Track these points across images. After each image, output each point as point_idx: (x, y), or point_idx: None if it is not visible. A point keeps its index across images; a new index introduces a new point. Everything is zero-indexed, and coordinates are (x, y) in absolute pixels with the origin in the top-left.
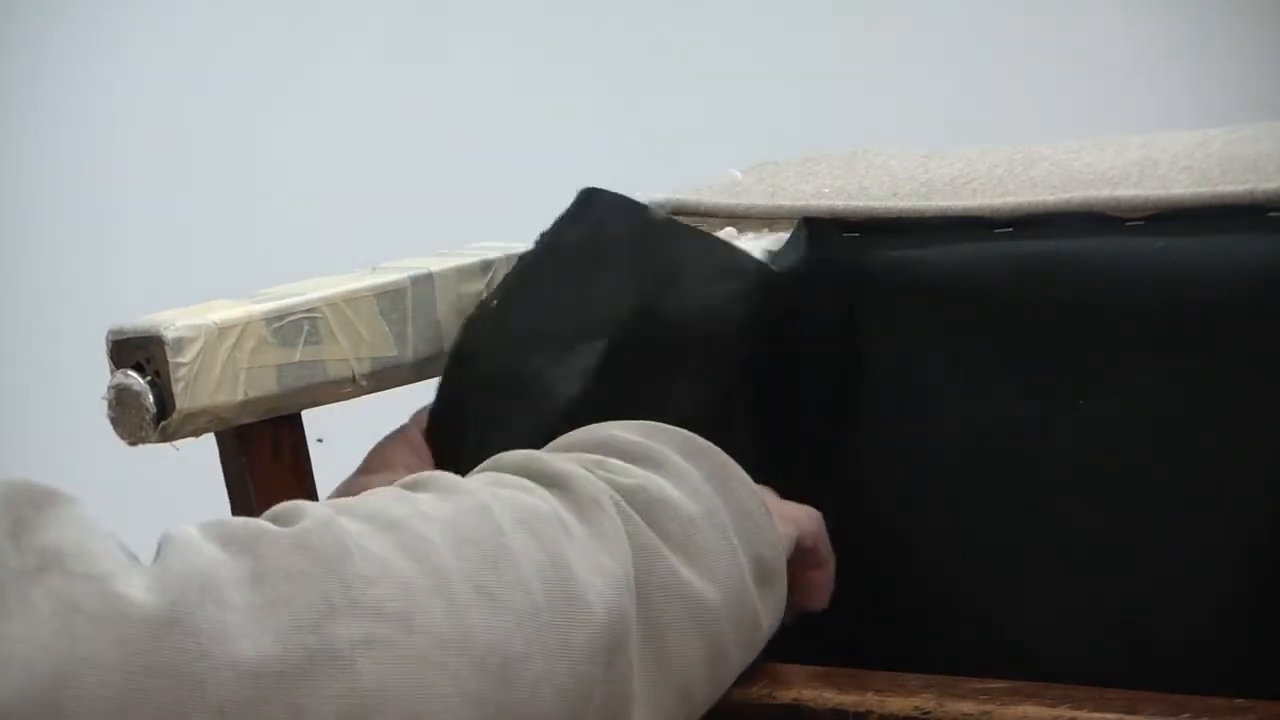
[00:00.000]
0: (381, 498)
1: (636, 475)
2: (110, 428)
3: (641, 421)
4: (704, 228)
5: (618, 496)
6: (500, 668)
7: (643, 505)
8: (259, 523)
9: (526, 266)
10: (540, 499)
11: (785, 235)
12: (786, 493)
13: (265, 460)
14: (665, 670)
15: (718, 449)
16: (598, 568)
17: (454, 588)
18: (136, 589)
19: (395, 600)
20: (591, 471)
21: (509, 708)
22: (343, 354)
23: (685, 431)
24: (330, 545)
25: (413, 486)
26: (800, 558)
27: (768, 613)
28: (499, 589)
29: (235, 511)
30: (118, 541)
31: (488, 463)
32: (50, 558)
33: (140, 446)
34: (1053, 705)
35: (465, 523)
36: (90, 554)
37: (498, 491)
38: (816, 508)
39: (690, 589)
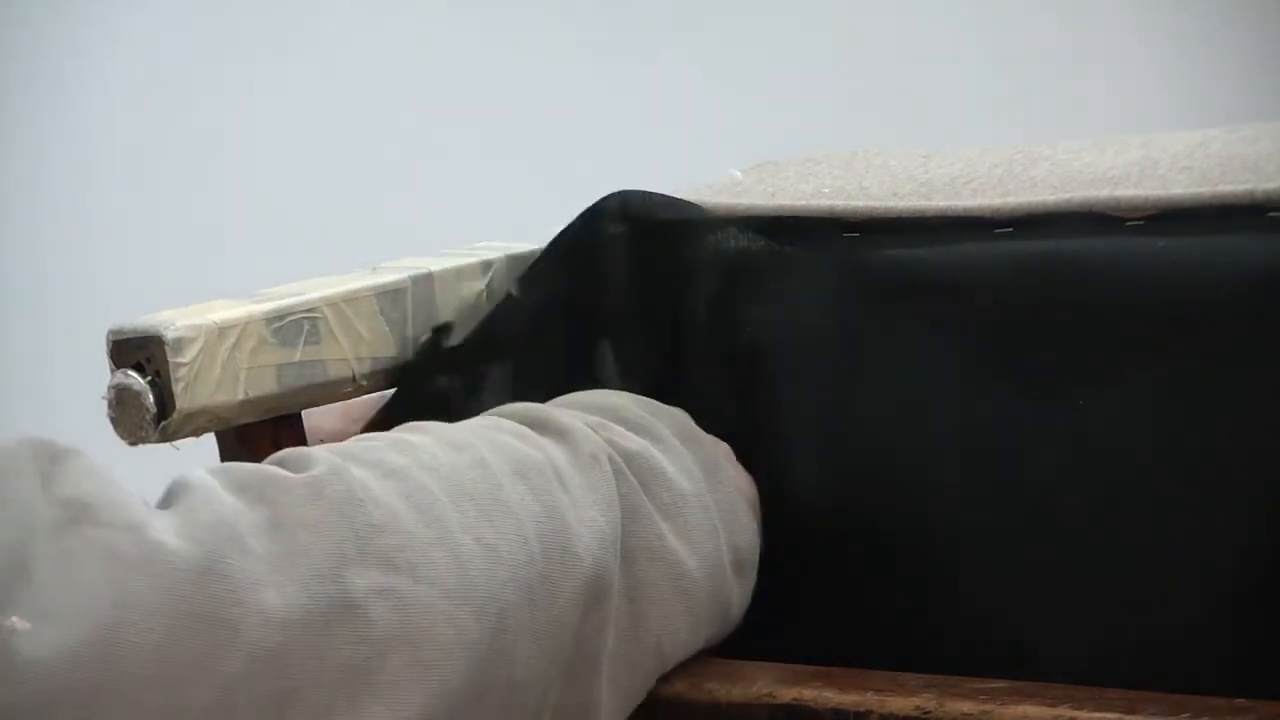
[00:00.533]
0: (382, 445)
1: (636, 442)
2: (110, 427)
3: (646, 398)
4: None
5: (616, 457)
6: (497, 616)
7: (639, 470)
8: (269, 469)
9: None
10: (537, 448)
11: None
12: (781, 492)
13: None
14: (640, 628)
15: (713, 439)
16: (588, 521)
17: (455, 538)
18: (170, 536)
19: (403, 550)
20: (596, 431)
21: (497, 654)
22: (343, 354)
23: (685, 416)
24: (342, 493)
25: (412, 432)
26: None
27: (738, 602)
28: (497, 540)
29: None
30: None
31: (490, 411)
32: (80, 509)
33: (140, 446)
34: (1053, 705)
35: (464, 476)
36: (117, 503)
37: (496, 438)
38: (812, 506)
39: (674, 555)
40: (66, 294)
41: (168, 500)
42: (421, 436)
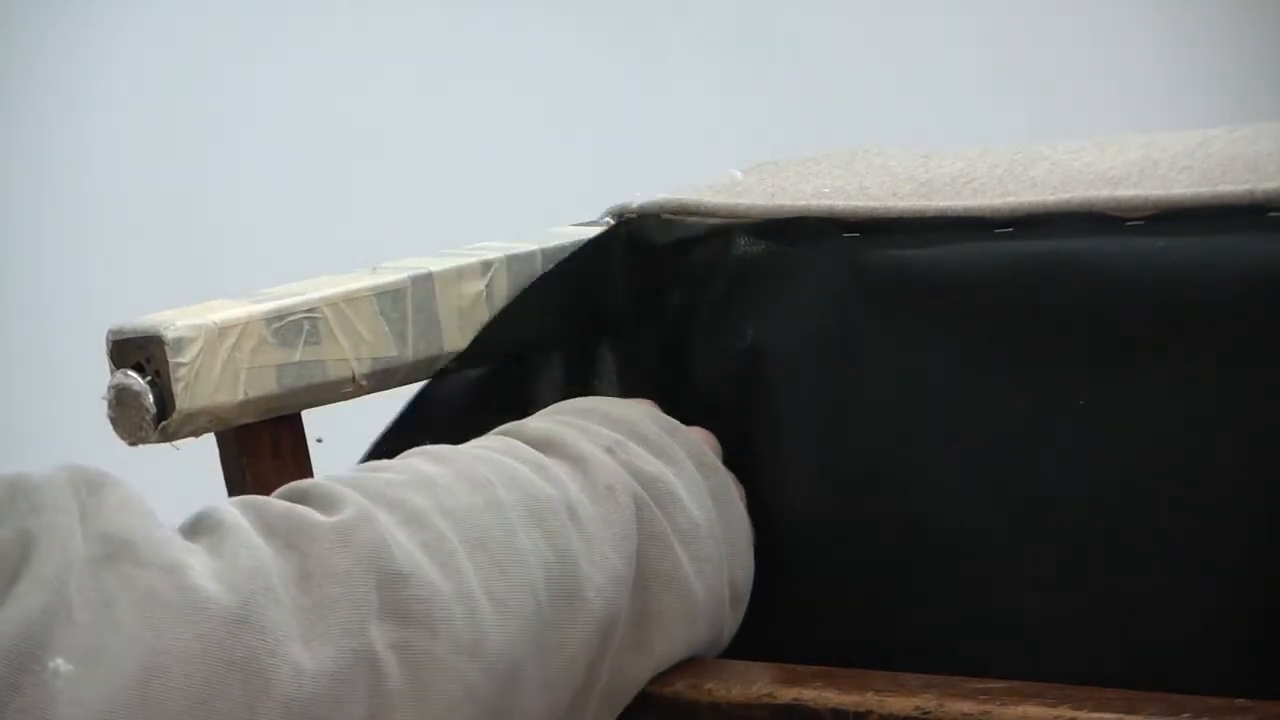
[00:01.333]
0: (403, 481)
1: (654, 465)
2: (110, 428)
3: (667, 417)
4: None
5: (634, 484)
6: (507, 671)
7: (657, 494)
8: (300, 512)
9: None
10: (552, 482)
11: None
12: (781, 492)
13: (265, 460)
14: (643, 652)
15: (724, 469)
16: (599, 560)
17: (470, 592)
18: (208, 580)
19: (423, 603)
20: (613, 453)
21: (506, 706)
22: (343, 354)
23: (699, 440)
24: (370, 541)
25: (432, 462)
26: None
27: (728, 633)
28: (507, 594)
29: None
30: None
31: (511, 427)
32: (117, 545)
33: (140, 446)
34: (1053, 705)
35: (479, 521)
36: (156, 541)
37: (513, 473)
38: (816, 508)
39: (687, 583)
40: (66, 294)
41: (195, 532)
42: (440, 469)
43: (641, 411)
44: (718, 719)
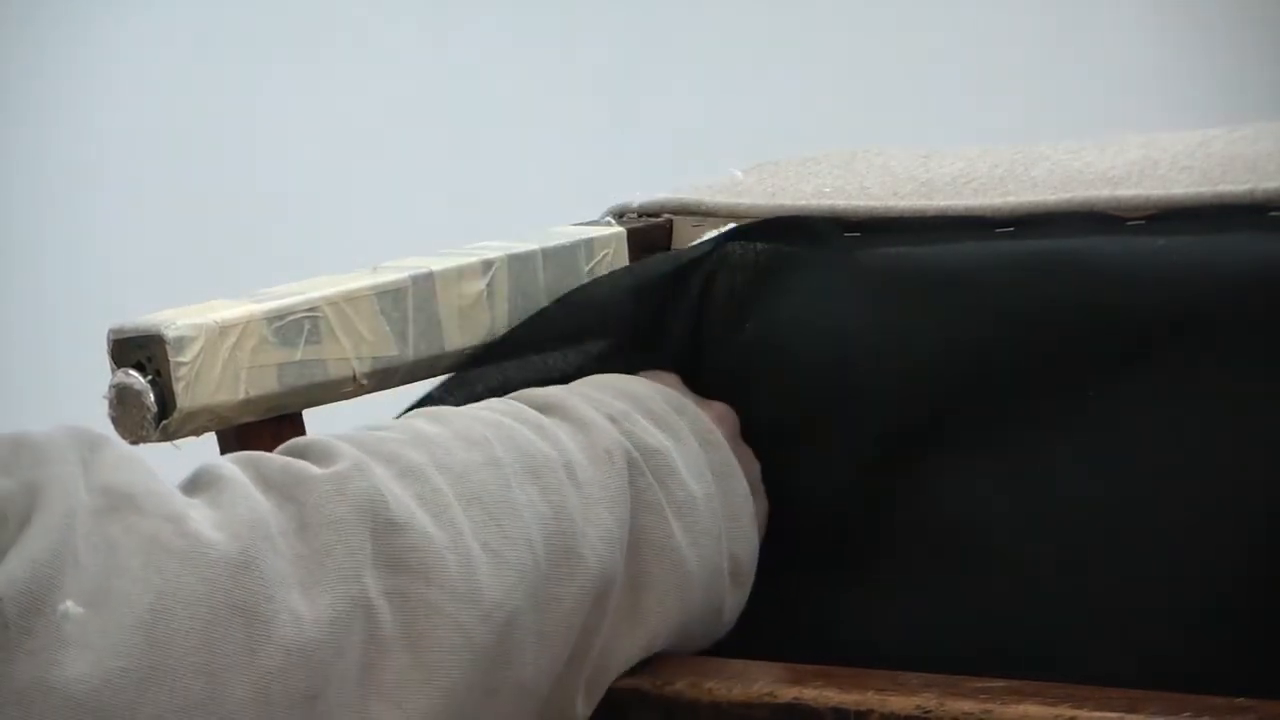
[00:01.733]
0: (399, 438)
1: (657, 438)
2: (111, 427)
3: (680, 395)
4: (705, 227)
5: (635, 453)
6: (504, 621)
7: (656, 467)
8: (296, 465)
9: None
10: (551, 442)
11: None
12: (783, 493)
13: None
14: (636, 622)
15: (726, 446)
16: (595, 520)
17: (465, 543)
18: (209, 530)
19: (417, 551)
20: (616, 422)
21: (504, 656)
22: (343, 353)
23: (706, 419)
24: (365, 490)
25: (429, 421)
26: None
27: (730, 607)
28: (503, 546)
29: None
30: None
31: (521, 392)
32: (120, 497)
33: (141, 445)
34: (1053, 705)
35: (475, 476)
36: (157, 493)
37: (512, 432)
38: (816, 507)
39: (679, 553)
40: (67, 294)
41: (195, 488)
42: (438, 428)
43: (654, 389)
44: (718, 718)
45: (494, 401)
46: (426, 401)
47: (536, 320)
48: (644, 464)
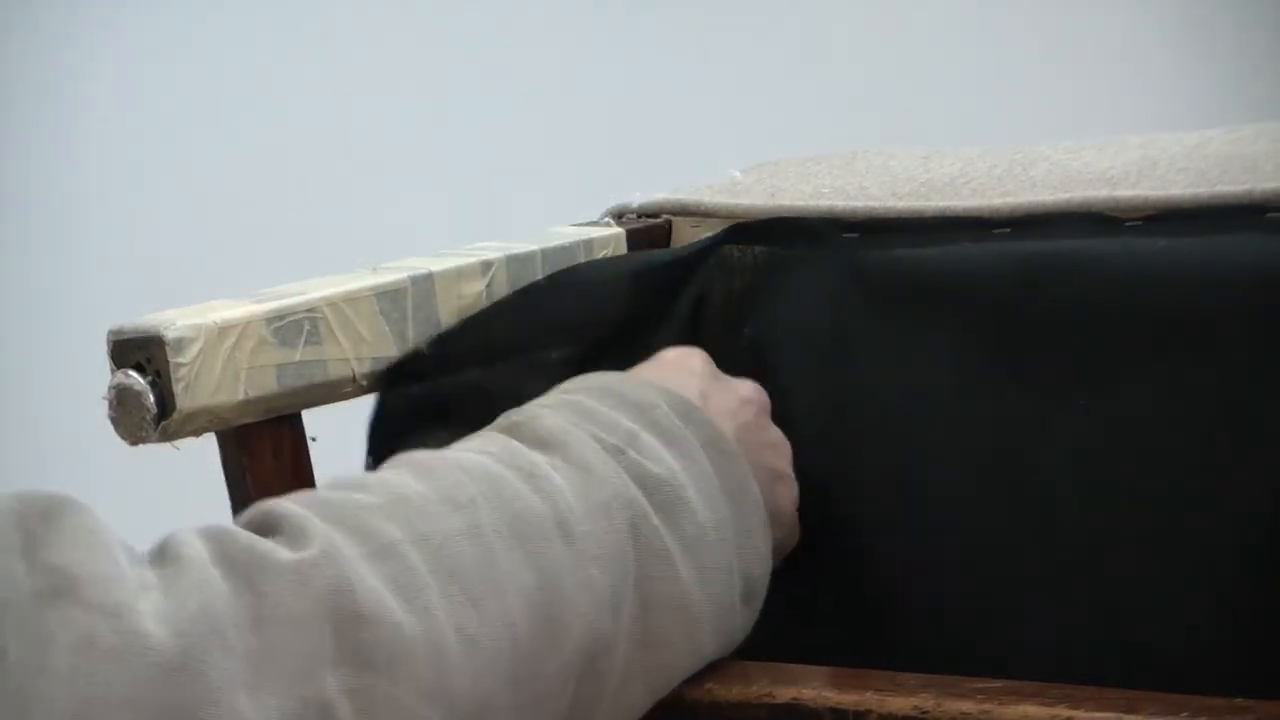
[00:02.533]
0: (376, 507)
1: (666, 464)
2: (111, 428)
3: (681, 396)
4: (704, 228)
5: (637, 496)
6: (473, 710)
7: (663, 502)
8: (263, 548)
9: None
10: (544, 496)
11: None
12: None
13: (265, 460)
14: (647, 675)
15: (740, 456)
16: (585, 581)
17: (437, 633)
18: (151, 623)
19: (384, 646)
20: (621, 455)
21: None
22: (343, 354)
23: (716, 426)
24: (330, 581)
25: (416, 476)
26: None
27: (742, 627)
28: (480, 631)
29: (235, 510)
30: (123, 546)
31: (520, 418)
32: (64, 580)
33: (140, 446)
34: (1052, 705)
35: (455, 549)
36: (104, 579)
37: (503, 488)
38: (816, 509)
39: (689, 601)
40: (67, 294)
41: (159, 561)
42: (422, 485)
43: (661, 393)
44: (717, 718)
45: (490, 439)
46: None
47: (527, 304)
48: (648, 504)
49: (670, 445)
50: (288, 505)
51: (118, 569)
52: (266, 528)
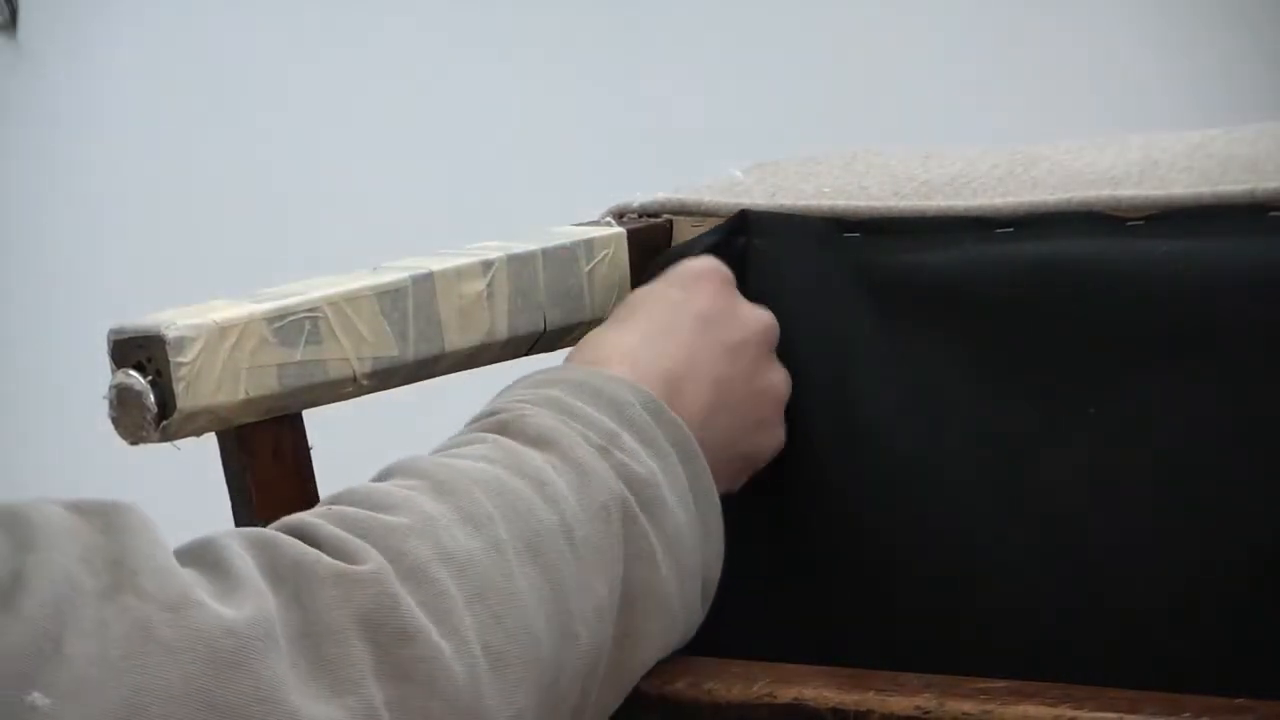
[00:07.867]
0: (407, 527)
1: (646, 464)
2: (111, 427)
3: (651, 396)
4: (705, 227)
5: (628, 494)
6: None
7: (648, 500)
8: (311, 559)
9: None
10: (552, 504)
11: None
12: (786, 495)
13: (266, 460)
14: (621, 680)
15: (702, 455)
16: (589, 589)
17: (469, 650)
18: (208, 619)
19: (423, 662)
20: (608, 454)
21: None
22: (344, 354)
23: (684, 427)
24: (374, 598)
25: (436, 496)
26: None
27: (696, 624)
28: (507, 646)
29: (236, 510)
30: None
31: (508, 416)
32: (124, 574)
33: (141, 446)
34: (1053, 705)
35: (479, 568)
36: (162, 573)
37: (515, 500)
38: (816, 510)
39: (669, 603)
40: (67, 294)
41: (201, 564)
42: (441, 505)
43: (631, 390)
44: (718, 718)
45: (490, 448)
46: None
47: None
48: (636, 503)
49: (646, 445)
50: (325, 524)
51: (172, 563)
52: (311, 537)
